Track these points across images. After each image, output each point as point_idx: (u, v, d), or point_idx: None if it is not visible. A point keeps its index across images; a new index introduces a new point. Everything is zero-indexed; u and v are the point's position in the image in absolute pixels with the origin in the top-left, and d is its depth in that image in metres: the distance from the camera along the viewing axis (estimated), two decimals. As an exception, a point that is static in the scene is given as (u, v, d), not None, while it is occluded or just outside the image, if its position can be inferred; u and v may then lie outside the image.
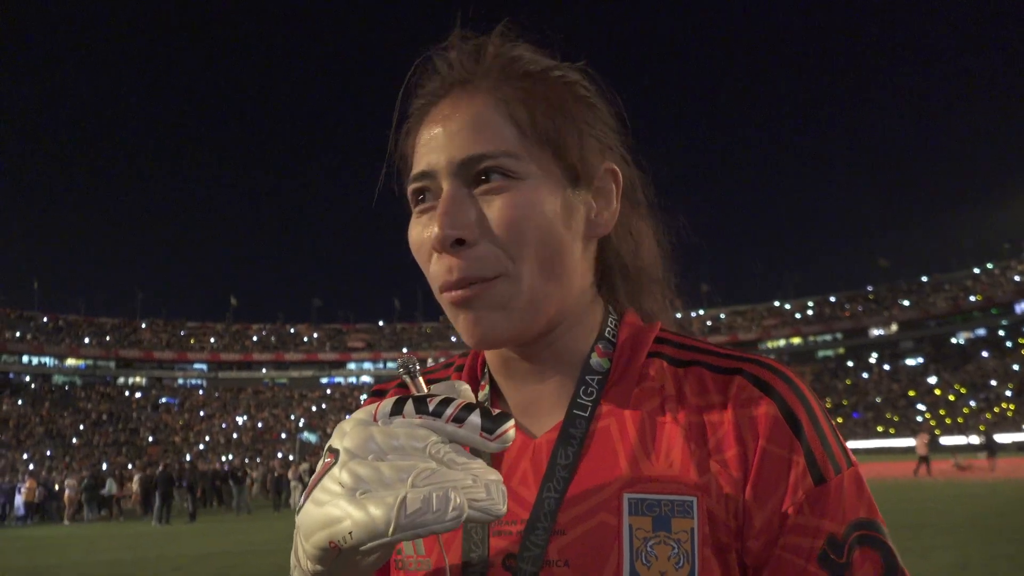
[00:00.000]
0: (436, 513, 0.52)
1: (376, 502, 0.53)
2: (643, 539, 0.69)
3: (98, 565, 12.72)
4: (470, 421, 0.58)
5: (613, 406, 0.77)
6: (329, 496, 0.56)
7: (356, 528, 0.53)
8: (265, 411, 73.68)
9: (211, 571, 11.29)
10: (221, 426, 69.07)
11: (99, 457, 54.24)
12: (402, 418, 0.60)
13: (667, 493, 0.71)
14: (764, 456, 0.70)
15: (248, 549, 14.02)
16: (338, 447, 0.60)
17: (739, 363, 0.76)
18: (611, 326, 0.84)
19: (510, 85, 0.77)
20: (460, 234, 0.72)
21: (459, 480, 0.55)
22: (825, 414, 0.74)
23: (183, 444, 62.76)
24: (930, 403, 65.07)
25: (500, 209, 0.72)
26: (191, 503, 24.11)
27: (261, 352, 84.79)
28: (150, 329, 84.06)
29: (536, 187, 0.74)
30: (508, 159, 0.73)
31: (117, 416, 67.20)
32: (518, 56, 0.80)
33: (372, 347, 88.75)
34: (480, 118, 0.75)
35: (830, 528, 0.68)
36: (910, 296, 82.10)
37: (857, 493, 0.71)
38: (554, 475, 0.74)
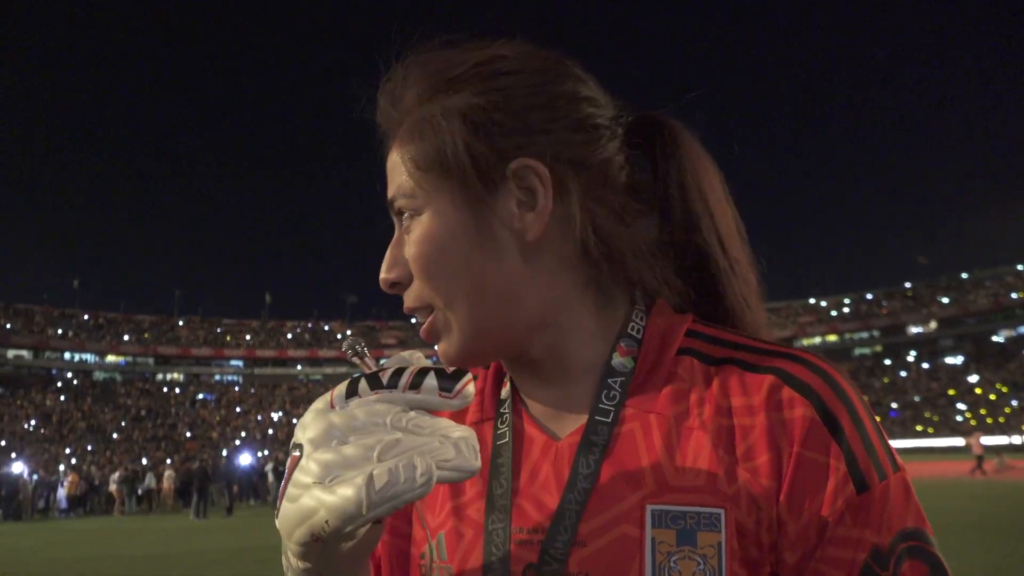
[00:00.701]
0: (405, 483, 0.52)
1: (345, 484, 0.53)
2: (666, 553, 0.66)
3: (138, 559, 12.96)
4: (426, 384, 0.58)
5: (638, 409, 0.74)
6: (300, 490, 0.56)
7: (331, 515, 0.53)
8: (300, 407, 74.28)
9: (248, 565, 11.45)
10: (257, 421, 69.89)
11: (138, 452, 55.15)
12: (359, 398, 0.59)
13: (693, 504, 0.67)
14: (800, 462, 0.66)
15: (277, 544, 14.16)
16: (301, 440, 0.59)
17: (775, 360, 0.71)
18: (636, 321, 0.79)
19: (407, 121, 0.76)
20: (391, 276, 0.76)
21: (425, 444, 0.55)
22: (870, 414, 0.68)
23: (219, 439, 63.61)
24: (970, 402, 63.76)
25: (409, 248, 0.74)
26: (228, 497, 24.46)
27: (296, 349, 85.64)
28: (187, 327, 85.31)
29: (432, 217, 0.73)
30: (404, 199, 0.74)
31: (156, 412, 68.28)
32: (412, 84, 0.76)
33: (405, 344, 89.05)
34: (392, 163, 0.77)
35: (874, 539, 0.64)
36: (950, 293, 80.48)
37: (904, 501, 0.66)
38: (575, 485, 0.72)
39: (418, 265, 0.73)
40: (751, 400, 0.69)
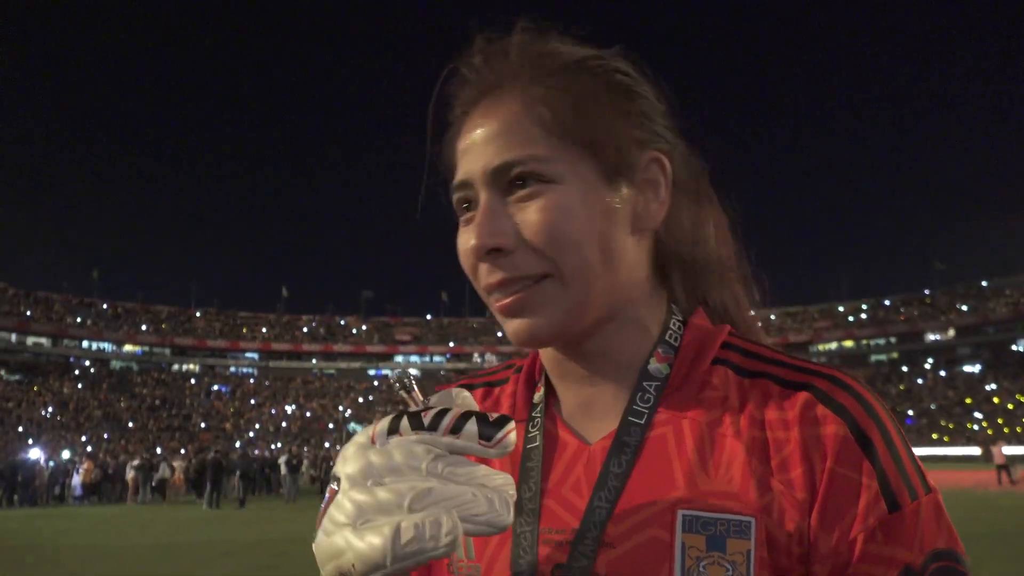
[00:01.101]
0: (429, 540, 0.51)
1: (374, 532, 0.53)
2: (696, 558, 0.66)
3: (152, 547, 13.10)
4: (467, 430, 0.57)
5: (671, 414, 0.75)
6: (334, 526, 0.56)
7: (358, 560, 0.53)
8: (313, 401, 74.77)
9: (260, 558, 11.53)
10: (270, 414, 70.33)
11: (153, 441, 55.61)
12: (399, 436, 0.59)
13: (724, 512, 0.68)
14: (832, 478, 0.67)
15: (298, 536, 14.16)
16: (340, 474, 0.59)
17: (809, 377, 0.72)
18: (673, 328, 0.80)
19: (539, 84, 0.75)
20: (496, 243, 0.72)
21: (458, 496, 0.54)
22: (901, 435, 0.69)
23: (233, 431, 64.04)
24: (987, 411, 63.15)
25: (534, 215, 0.72)
26: (240, 489, 24.61)
27: (311, 343, 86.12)
28: (204, 318, 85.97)
29: (569, 188, 0.72)
30: (538, 164, 0.72)
31: (171, 402, 68.84)
32: (547, 51, 0.78)
33: (419, 340, 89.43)
34: (509, 124, 0.74)
35: (906, 558, 0.64)
36: (968, 301, 79.71)
37: (936, 521, 0.67)
38: (606, 484, 0.72)
39: (547, 234, 0.71)
40: (785, 415, 0.70)
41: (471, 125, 0.77)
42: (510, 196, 0.73)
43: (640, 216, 0.77)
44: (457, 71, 0.81)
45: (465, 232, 0.77)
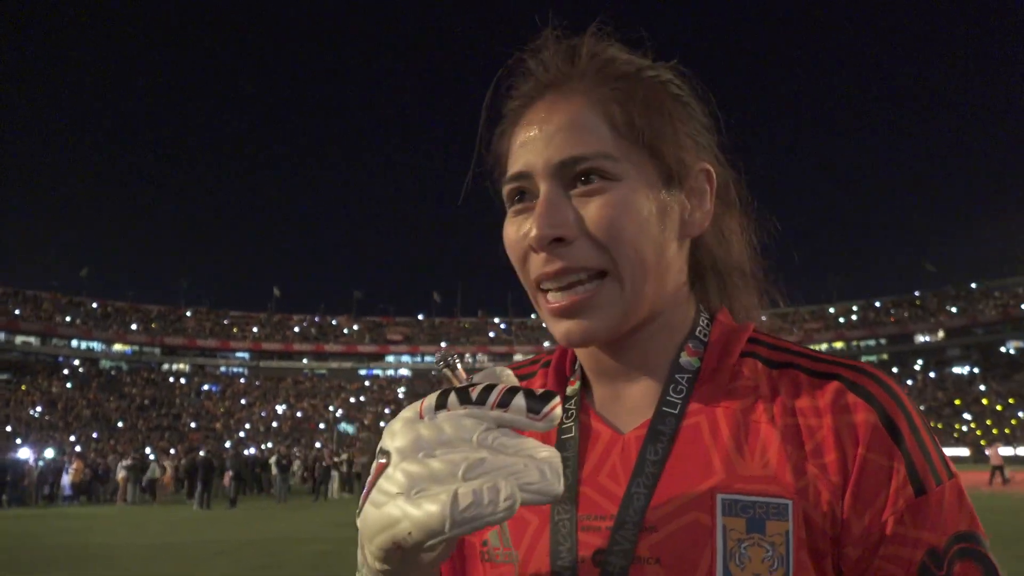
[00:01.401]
0: (488, 506, 0.52)
1: (431, 499, 0.53)
2: (737, 540, 0.69)
3: (144, 547, 12.99)
4: (515, 404, 0.58)
5: (704, 404, 0.77)
6: (386, 497, 0.56)
7: (415, 527, 0.53)
8: (304, 401, 74.47)
9: (253, 557, 11.44)
10: (261, 414, 69.98)
11: (142, 441, 55.26)
12: (447, 411, 0.60)
13: (762, 495, 0.70)
14: (864, 464, 0.70)
15: (290, 536, 14.16)
16: (389, 448, 0.60)
17: (837, 368, 0.76)
18: (702, 325, 0.84)
19: (605, 86, 0.78)
20: (559, 233, 0.73)
21: (510, 466, 0.55)
22: (925, 424, 0.73)
23: (223, 431, 63.71)
24: (976, 412, 63.44)
25: (598, 209, 0.74)
26: (233, 489, 24.48)
27: (302, 343, 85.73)
28: (194, 317, 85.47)
29: (632, 188, 0.75)
30: (605, 161, 0.74)
31: (161, 401, 68.44)
32: (612, 57, 0.81)
33: (411, 340, 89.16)
34: (577, 120, 0.76)
35: (931, 540, 0.68)
36: (958, 303, 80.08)
37: (959, 505, 0.70)
38: (643, 471, 0.74)
39: (610, 228, 0.73)
40: (816, 402, 0.73)
41: (533, 117, 0.79)
42: (572, 190, 0.75)
43: (687, 223, 0.81)
44: (523, 62, 0.83)
45: (516, 222, 0.79)
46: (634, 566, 0.70)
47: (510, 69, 0.84)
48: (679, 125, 0.80)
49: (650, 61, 0.83)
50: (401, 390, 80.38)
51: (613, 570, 0.71)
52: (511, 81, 0.84)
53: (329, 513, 19.83)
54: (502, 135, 0.84)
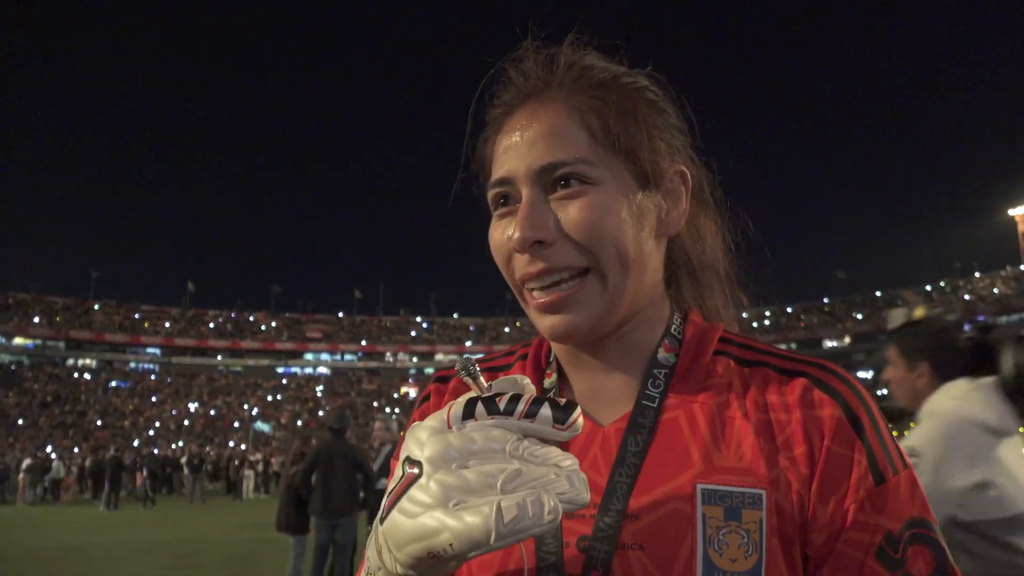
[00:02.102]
0: (533, 518, 0.53)
1: (472, 512, 0.54)
2: (715, 528, 0.72)
3: (52, 549, 12.50)
4: (542, 415, 0.60)
5: (681, 399, 0.81)
6: (420, 508, 0.57)
7: (456, 539, 0.54)
8: (218, 399, 72.63)
9: (167, 558, 11.17)
10: (172, 412, 67.92)
11: (44, 439, 52.96)
12: (475, 421, 0.61)
13: (739, 485, 0.74)
14: (829, 455, 0.74)
15: (204, 537, 13.85)
16: (419, 457, 0.61)
17: (804, 366, 0.80)
18: (676, 323, 0.88)
19: (583, 94, 0.82)
20: (539, 235, 0.77)
21: (543, 477, 0.57)
22: (883, 419, 0.78)
23: (132, 429, 61.57)
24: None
25: (577, 212, 0.77)
26: (148, 489, 23.72)
27: (217, 339, 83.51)
28: (103, 311, 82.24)
29: (610, 191, 0.78)
30: (583, 166, 0.78)
31: (65, 398, 65.70)
32: (589, 65, 0.84)
33: (330, 338, 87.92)
34: (556, 127, 0.79)
35: (888, 525, 0.73)
36: (864, 309, 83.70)
37: (912, 493, 0.75)
38: (625, 462, 0.77)
39: (589, 229, 0.77)
40: (786, 398, 0.78)
41: (514, 125, 0.82)
42: (552, 194, 0.79)
43: (663, 223, 0.84)
44: (505, 72, 0.87)
45: (500, 226, 0.82)
46: (618, 552, 0.73)
47: (493, 78, 0.87)
48: (653, 130, 0.83)
49: (626, 68, 0.86)
50: (319, 388, 79.20)
51: (598, 556, 0.73)
52: (494, 89, 0.87)
53: (243, 514, 19.46)
54: (486, 141, 0.88)
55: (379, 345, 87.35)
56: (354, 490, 7.60)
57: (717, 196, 0.94)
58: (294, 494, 7.79)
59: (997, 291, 74.57)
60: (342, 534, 7.47)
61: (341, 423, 7.89)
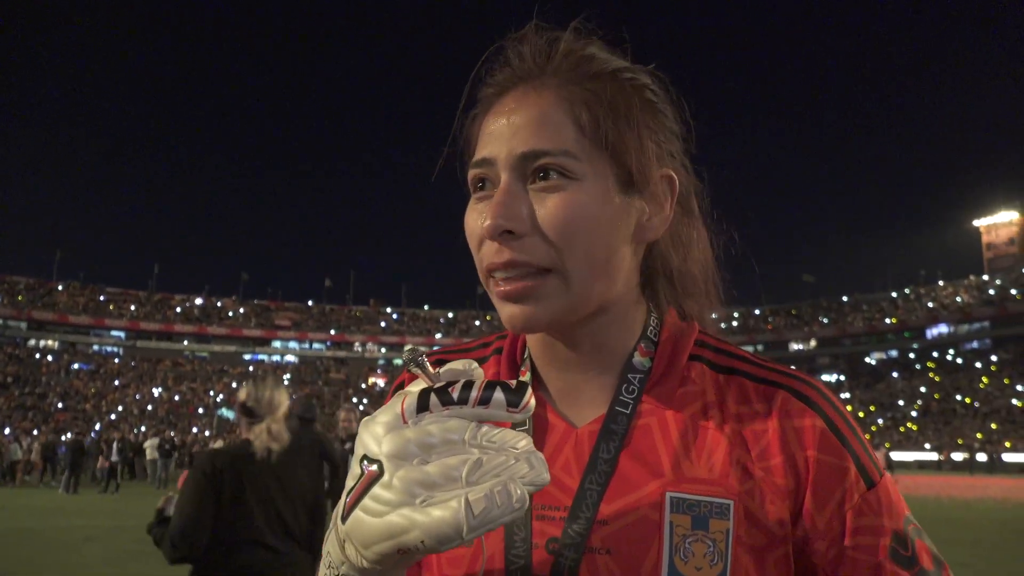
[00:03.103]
0: (502, 508, 0.53)
1: (441, 508, 0.54)
2: (682, 536, 0.73)
3: (6, 533, 12.25)
4: (495, 399, 0.60)
5: (655, 406, 0.80)
6: (385, 506, 0.57)
7: (428, 536, 0.54)
8: (183, 384, 71.75)
9: (126, 544, 10.99)
10: (136, 397, 66.99)
11: (2, 421, 51.96)
12: (430, 413, 0.60)
13: (707, 495, 0.74)
14: (819, 465, 0.75)
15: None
16: (377, 455, 0.60)
17: (780, 376, 0.80)
18: (653, 326, 0.86)
19: (577, 85, 0.79)
20: (510, 226, 0.74)
21: (504, 463, 0.56)
22: (859, 426, 0.79)
23: (94, 412, 60.64)
24: (841, 418, 67.22)
25: (553, 207, 0.74)
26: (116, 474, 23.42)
27: (183, 323, 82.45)
28: (66, 291, 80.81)
29: (590, 189, 0.76)
30: (566, 158, 0.75)
31: (25, 379, 64.47)
32: (589, 56, 0.81)
33: (299, 326, 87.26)
34: (544, 115, 0.77)
35: (892, 526, 0.74)
36: (830, 314, 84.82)
37: (898, 492, 0.78)
38: (596, 467, 0.77)
39: (562, 227, 0.74)
40: (762, 410, 0.78)
41: (503, 107, 0.80)
42: (531, 184, 0.76)
43: (643, 228, 0.82)
44: (503, 50, 0.84)
45: (476, 209, 0.80)
46: (586, 556, 0.73)
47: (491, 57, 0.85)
48: (645, 130, 0.81)
49: (628, 63, 0.83)
50: (287, 377, 78.56)
51: (566, 559, 0.73)
52: (490, 67, 0.85)
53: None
54: (473, 120, 0.85)
55: (348, 335, 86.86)
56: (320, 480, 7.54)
57: (704, 205, 0.92)
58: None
59: (960, 299, 75.91)
60: (306, 523, 7.41)
61: (310, 412, 7.83)
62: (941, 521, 15.89)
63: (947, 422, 59.94)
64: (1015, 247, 78.59)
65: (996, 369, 65.64)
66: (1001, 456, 48.51)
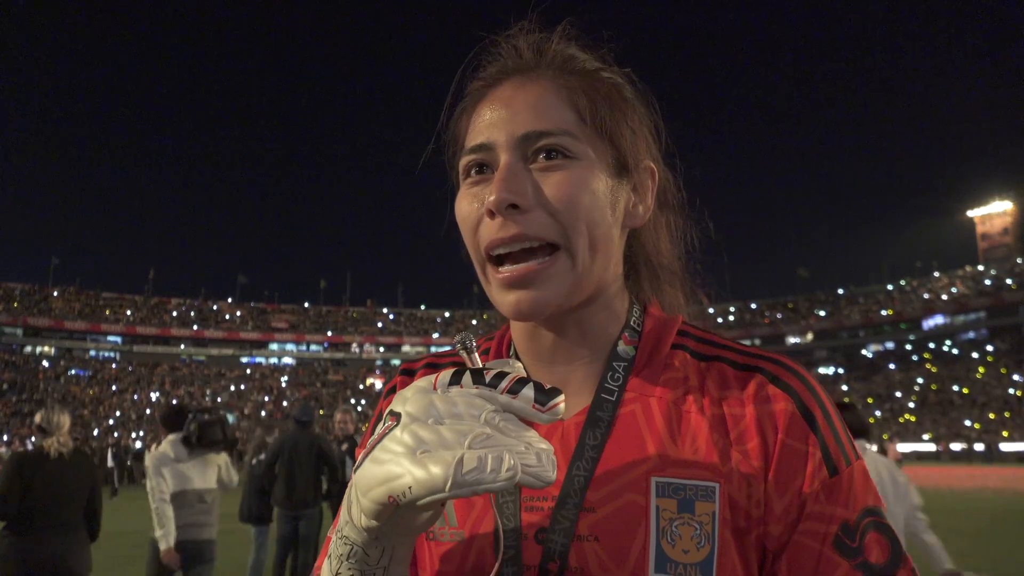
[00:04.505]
0: (491, 473, 0.54)
1: (435, 460, 0.56)
2: (669, 519, 0.74)
3: (3, 539, 12.19)
4: (524, 393, 0.61)
5: (639, 392, 0.82)
6: (390, 455, 0.59)
7: (416, 484, 0.56)
8: (181, 388, 71.64)
9: (121, 548, 10.95)
10: (133, 401, 66.86)
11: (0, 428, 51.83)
12: (460, 388, 0.63)
13: (692, 478, 0.75)
14: (783, 449, 0.76)
15: (164, 528, 13.60)
16: (400, 411, 0.63)
17: (759, 361, 0.82)
18: (636, 316, 0.89)
19: (571, 76, 0.83)
20: (516, 199, 0.76)
21: (512, 445, 0.57)
22: (836, 412, 0.80)
23: (91, 418, 60.52)
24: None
25: (556, 184, 0.77)
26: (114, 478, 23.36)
27: (180, 327, 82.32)
28: (62, 297, 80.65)
29: (590, 168, 0.79)
30: (567, 138, 0.78)
31: (22, 386, 64.37)
32: (574, 55, 0.86)
33: (296, 328, 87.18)
34: (543, 100, 0.80)
35: (843, 515, 0.74)
36: (826, 307, 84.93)
37: (865, 483, 0.77)
38: (583, 455, 0.79)
39: (566, 201, 0.77)
40: (741, 394, 0.80)
41: (498, 95, 0.83)
42: (532, 164, 0.79)
43: (630, 214, 0.86)
44: (496, 45, 0.88)
45: (471, 194, 0.82)
46: (574, 543, 0.75)
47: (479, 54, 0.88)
48: (630, 122, 0.85)
49: (606, 66, 0.88)
50: (284, 379, 78.48)
51: (555, 547, 0.75)
52: (477, 62, 0.88)
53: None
54: (462, 113, 0.88)
55: (345, 336, 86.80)
56: (318, 482, 7.53)
57: (679, 198, 0.96)
58: (257, 484, 7.70)
59: (955, 290, 76.10)
60: (306, 526, 7.39)
61: (308, 415, 7.83)
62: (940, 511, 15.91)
63: (944, 413, 60.13)
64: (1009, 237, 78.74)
65: (993, 359, 65.87)
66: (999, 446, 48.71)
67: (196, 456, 5.68)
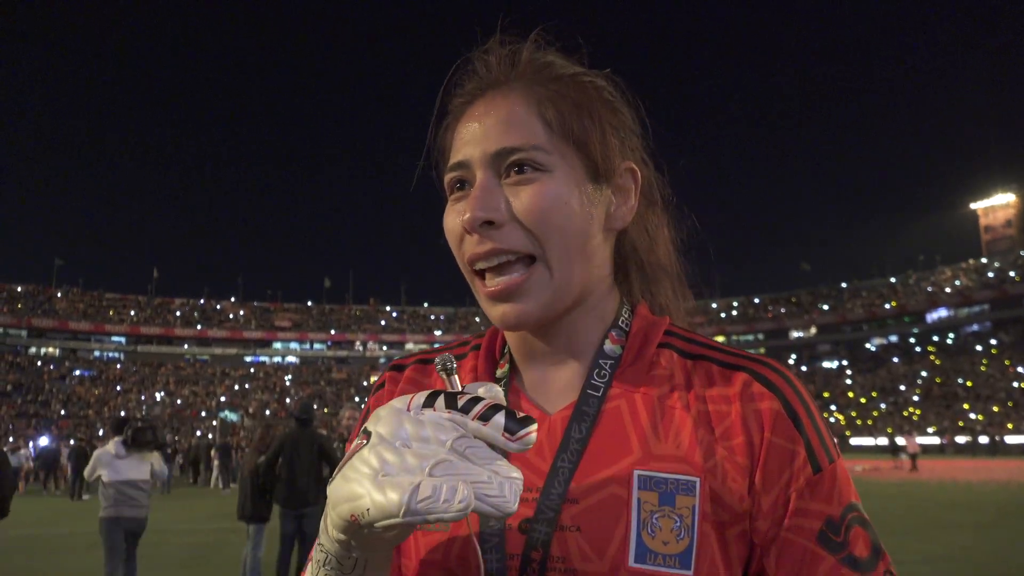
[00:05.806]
0: (443, 503, 0.55)
1: (393, 486, 0.56)
2: (650, 512, 0.75)
3: (10, 540, 12.21)
4: (495, 420, 0.61)
5: (624, 389, 0.84)
6: (356, 474, 0.60)
7: (373, 507, 0.57)
8: (185, 388, 71.80)
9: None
10: (138, 400, 66.99)
11: (5, 429, 51.98)
12: (432, 411, 0.63)
13: (674, 472, 0.77)
14: (770, 447, 0.77)
15: (168, 528, 13.60)
16: (372, 430, 0.64)
17: (745, 361, 0.83)
18: (624, 316, 0.90)
19: (541, 86, 0.85)
20: (489, 216, 0.79)
21: (474, 475, 0.58)
22: (818, 412, 0.82)
23: (96, 419, 60.62)
24: (842, 404, 67.41)
25: (528, 198, 0.79)
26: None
27: (183, 327, 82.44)
28: (66, 298, 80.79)
29: (562, 179, 0.81)
30: (537, 152, 0.80)
31: (27, 387, 64.54)
32: (549, 62, 0.88)
33: (299, 327, 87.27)
34: (513, 115, 0.82)
35: (828, 511, 0.77)
36: (829, 301, 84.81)
37: (846, 480, 0.79)
38: (568, 447, 0.80)
39: (538, 215, 0.79)
40: (726, 391, 0.81)
41: (474, 112, 0.85)
42: (506, 179, 0.81)
43: (612, 217, 0.87)
44: (470, 62, 0.90)
45: (455, 210, 0.84)
46: (557, 533, 0.76)
47: (460, 70, 0.91)
48: (607, 126, 0.86)
49: (585, 69, 0.89)
50: (288, 377, 78.58)
51: (538, 537, 0.76)
52: (459, 78, 0.91)
53: (210, 504, 19.32)
54: (446, 129, 0.90)
55: (348, 334, 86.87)
56: (320, 480, 7.53)
57: (666, 196, 0.97)
58: (256, 483, 7.71)
59: (959, 283, 75.95)
60: (308, 524, 7.40)
61: (308, 413, 7.83)
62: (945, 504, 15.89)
63: (948, 406, 60.00)
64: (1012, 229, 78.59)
65: (997, 352, 65.68)
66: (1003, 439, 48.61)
67: (132, 454, 7.19)
